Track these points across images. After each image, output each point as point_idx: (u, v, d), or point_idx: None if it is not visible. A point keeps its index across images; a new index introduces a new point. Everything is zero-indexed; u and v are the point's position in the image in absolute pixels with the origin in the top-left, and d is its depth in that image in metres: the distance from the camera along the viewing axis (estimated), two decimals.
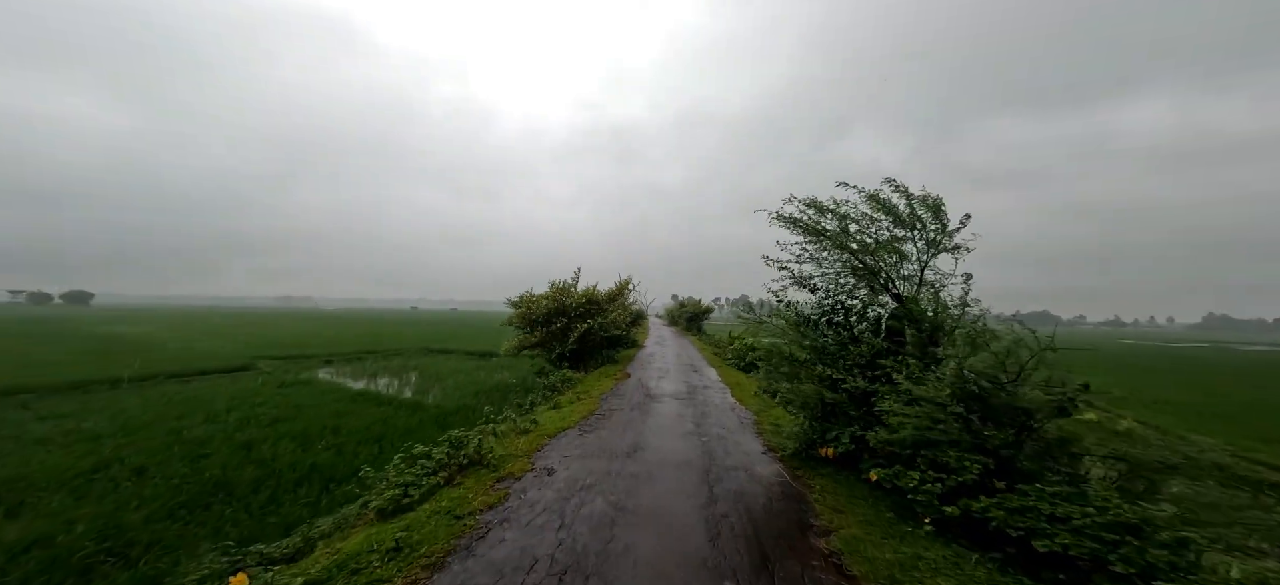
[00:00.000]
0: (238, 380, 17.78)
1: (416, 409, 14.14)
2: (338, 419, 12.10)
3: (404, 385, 19.65)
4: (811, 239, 5.65)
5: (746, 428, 7.18)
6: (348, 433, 10.96)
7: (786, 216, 5.70)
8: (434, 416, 13.32)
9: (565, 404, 9.26)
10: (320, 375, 21.07)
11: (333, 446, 9.90)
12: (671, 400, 9.08)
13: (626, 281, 17.57)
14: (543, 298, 15.17)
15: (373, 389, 17.75)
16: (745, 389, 10.71)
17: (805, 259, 5.84)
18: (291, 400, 14.24)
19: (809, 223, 5.60)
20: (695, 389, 10.49)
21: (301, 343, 32.14)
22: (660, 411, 8.09)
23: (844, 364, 5.11)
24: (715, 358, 18.23)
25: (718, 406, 8.70)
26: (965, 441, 3.51)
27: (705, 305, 39.25)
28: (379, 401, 14.83)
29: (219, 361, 21.18)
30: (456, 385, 20.06)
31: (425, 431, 11.47)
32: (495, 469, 4.96)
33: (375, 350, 30.61)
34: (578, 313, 14.95)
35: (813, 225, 5.58)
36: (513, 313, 15.49)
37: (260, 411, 12.40)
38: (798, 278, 5.81)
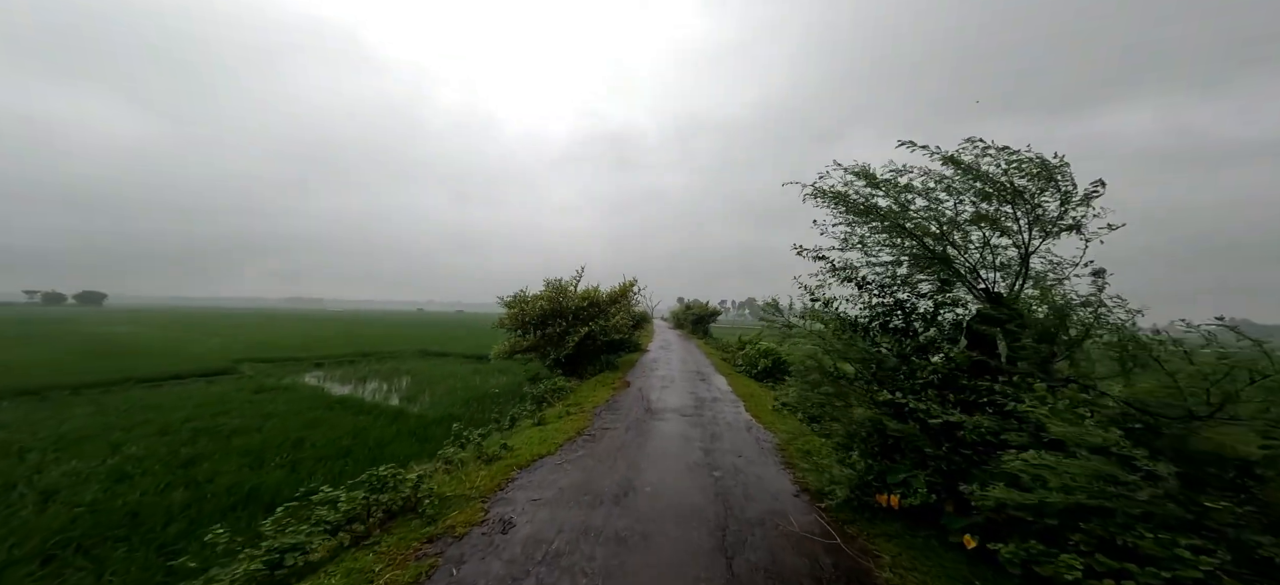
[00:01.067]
0: (215, 384, 16.72)
1: (397, 418, 12.94)
2: (306, 430, 10.91)
3: (392, 390, 18.49)
4: (860, 219, 4.29)
5: (769, 455, 5.79)
6: (312, 446, 9.75)
7: (827, 191, 4.35)
8: (414, 426, 12.10)
9: (552, 419, 7.94)
10: (306, 379, 19.99)
11: (289, 463, 8.71)
12: (676, 417, 7.71)
13: (630, 283, 16.23)
14: (538, 298, 13.88)
15: (356, 395, 16.59)
16: (761, 402, 9.31)
17: (851, 244, 4.48)
18: (262, 408, 13.09)
19: (856, 199, 4.23)
20: (703, 402, 9.11)
21: (298, 344, 31.22)
22: (662, 432, 6.73)
23: (910, 382, 3.73)
24: (724, 364, 16.82)
25: (731, 425, 7.32)
26: (1172, 515, 2.13)
27: (711, 308, 37.80)
28: (359, 409, 13.66)
29: (202, 364, 20.17)
30: (447, 391, 18.87)
31: (400, 444, 10.23)
32: (433, 520, 3.65)
33: (371, 353, 29.59)
34: (577, 315, 13.64)
35: (861, 203, 4.22)
36: (505, 313, 14.21)
37: (222, 421, 11.23)
38: (840, 269, 4.44)
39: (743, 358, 15.53)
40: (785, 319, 5.11)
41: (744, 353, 15.73)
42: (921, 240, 4.06)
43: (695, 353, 20.97)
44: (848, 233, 4.52)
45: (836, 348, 4.03)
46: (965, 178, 3.68)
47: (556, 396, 10.11)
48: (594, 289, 14.64)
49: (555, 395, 10.21)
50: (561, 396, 10.07)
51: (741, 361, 15.17)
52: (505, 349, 13.41)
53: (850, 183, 4.30)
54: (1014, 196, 3.47)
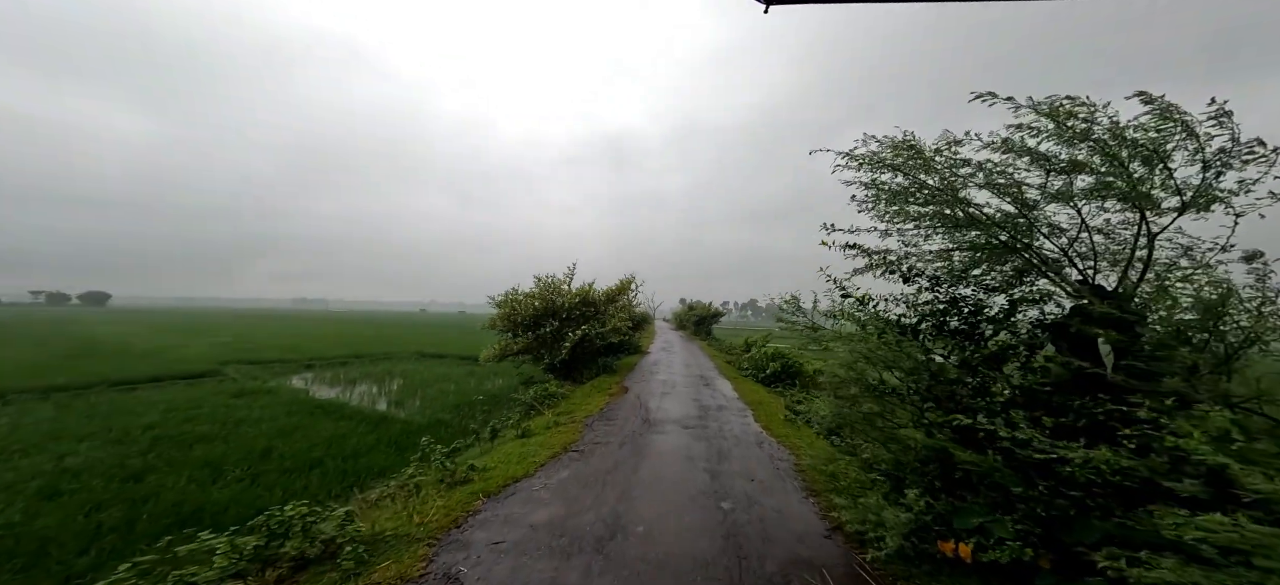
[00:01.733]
0: (194, 387, 15.95)
1: (381, 424, 12.13)
2: (278, 438, 10.09)
3: (380, 394, 17.70)
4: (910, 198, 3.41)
5: (788, 479, 4.91)
6: (280, 456, 8.95)
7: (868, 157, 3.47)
8: (398, 434, 11.27)
9: (538, 430, 7.07)
10: (293, 382, 19.22)
11: (250, 476, 7.91)
12: (677, 430, 6.83)
13: (629, 281, 15.37)
14: (530, 297, 13.04)
15: (341, 399, 15.78)
16: (771, 412, 8.41)
17: (892, 227, 3.60)
18: (236, 414, 12.29)
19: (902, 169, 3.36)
20: (708, 411, 8.22)
21: (291, 346, 30.51)
22: (661, 448, 5.84)
23: (983, 400, 2.85)
24: (729, 367, 15.91)
25: (739, 439, 6.43)
26: None
27: (714, 308, 36.87)
28: (340, 415, 12.84)
29: (186, 366, 19.43)
30: (439, 394, 18.06)
31: (378, 455, 9.39)
32: (352, 576, 2.78)
33: (365, 354, 28.84)
34: (571, 316, 12.77)
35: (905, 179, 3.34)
36: (495, 313, 13.36)
37: (188, 429, 10.43)
38: (880, 259, 3.57)
39: (749, 361, 14.62)
40: (808, 319, 4.22)
41: (751, 356, 14.81)
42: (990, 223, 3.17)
43: (698, 355, 20.07)
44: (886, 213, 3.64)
45: (881, 354, 3.14)
46: (1060, 139, 2.77)
47: (547, 404, 9.25)
48: (588, 287, 13.77)
49: (546, 402, 9.34)
50: (552, 404, 9.20)
51: (748, 365, 14.27)
52: (494, 353, 12.55)
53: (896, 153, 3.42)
54: (1120, 161, 2.57)
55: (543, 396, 9.48)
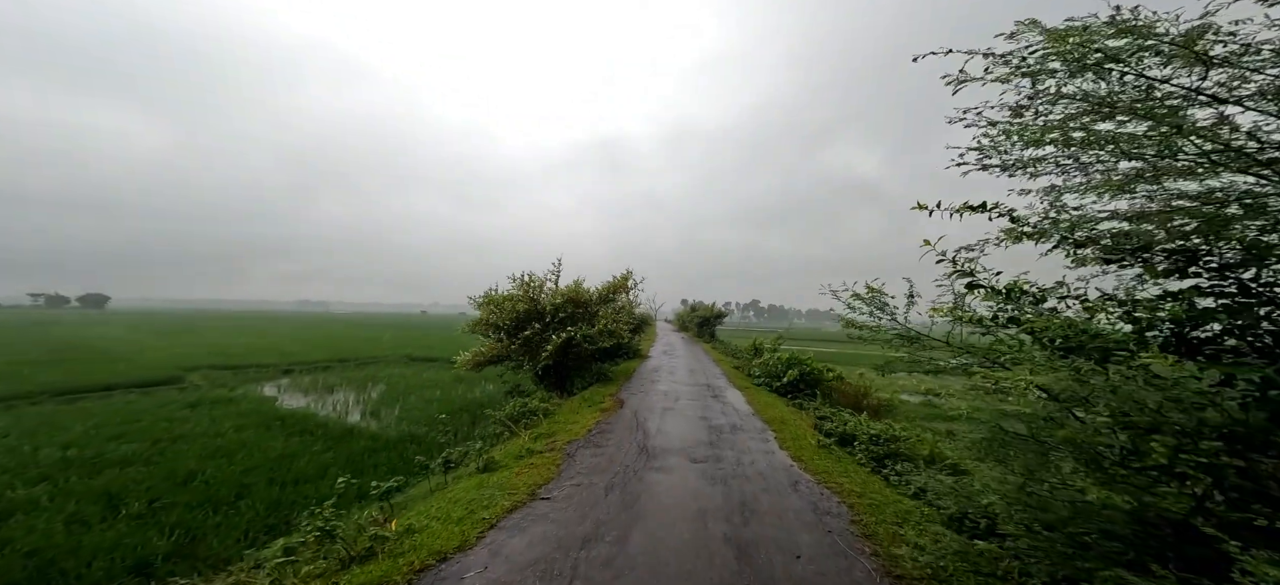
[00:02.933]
0: (148, 396, 14.50)
1: (343, 439, 10.65)
2: (212, 460, 8.64)
3: (356, 403, 16.24)
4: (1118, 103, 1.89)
5: (848, 549, 3.38)
6: (204, 484, 7.52)
7: (1027, 57, 1.96)
8: (360, 452, 9.79)
9: (505, 462, 5.56)
10: (264, 390, 17.78)
11: (153, 511, 6.46)
12: (682, 464, 5.29)
13: (624, 278, 13.83)
14: (511, 298, 11.54)
15: (309, 409, 14.32)
16: (797, 433, 6.88)
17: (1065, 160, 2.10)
18: (179, 428, 10.85)
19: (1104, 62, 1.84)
20: (720, 433, 6.69)
21: (276, 349, 29.13)
22: (661, 497, 4.32)
23: None
24: (737, 373, 14.37)
25: (765, 478, 4.90)
26: None
27: (717, 309, 35.32)
28: (303, 427, 11.38)
29: (148, 373, 17.98)
30: (422, 402, 16.60)
31: (329, 479, 7.90)
32: None
33: (352, 358, 27.45)
34: (555, 318, 11.26)
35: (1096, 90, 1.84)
36: (475, 316, 11.86)
37: (109, 450, 8.96)
38: (1046, 220, 2.05)
39: (760, 366, 13.08)
40: (900, 324, 2.71)
41: (763, 361, 13.26)
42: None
43: (702, 359, 18.53)
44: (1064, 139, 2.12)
45: (1104, 391, 1.63)
46: None
47: (525, 422, 7.72)
48: (577, 285, 12.25)
49: (524, 420, 7.82)
50: (531, 423, 7.68)
51: (759, 372, 12.73)
52: (470, 360, 11.03)
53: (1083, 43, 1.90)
54: None
55: (521, 413, 7.96)
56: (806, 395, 10.61)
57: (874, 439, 6.25)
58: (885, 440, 6.24)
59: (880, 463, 5.72)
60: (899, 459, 5.79)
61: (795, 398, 10.56)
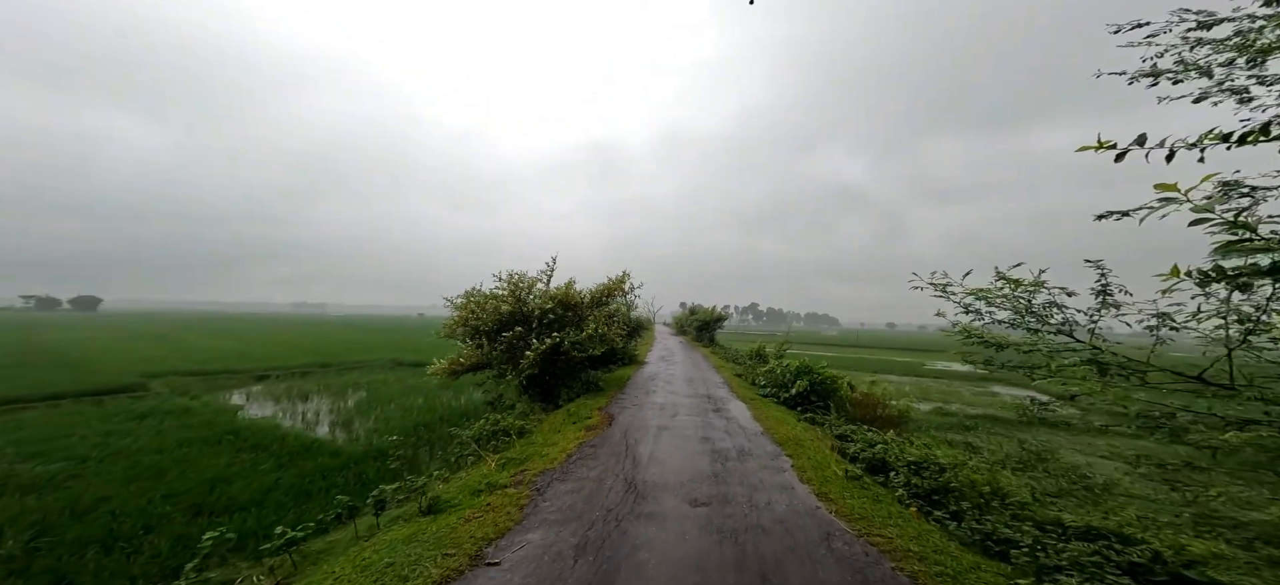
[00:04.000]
0: (101, 406, 13.31)
1: (300, 456, 9.52)
2: (134, 484, 7.55)
3: (329, 412, 15.10)
4: None
5: None
6: (108, 517, 6.48)
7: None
8: (314, 472, 8.67)
9: (455, 500, 4.43)
10: (230, 398, 16.59)
11: (47, 545, 5.34)
12: (680, 509, 4.17)
13: (620, 280, 12.72)
14: (494, 298, 10.41)
15: (273, 420, 13.16)
16: (817, 459, 5.74)
17: None
18: (119, 443, 9.72)
19: None
20: (725, 459, 5.56)
21: (257, 353, 27.92)
22: (650, 562, 3.20)
23: None
24: (739, 382, 13.25)
25: (788, 527, 3.79)
26: None
27: (717, 312, 34.20)
28: (257, 442, 10.23)
29: (109, 379, 16.74)
30: (402, 410, 15.49)
31: (266, 510, 6.79)
32: None
33: (334, 363, 26.26)
34: (542, 321, 10.14)
35: None
36: (453, 317, 10.73)
37: (28, 469, 7.89)
38: None
39: (765, 375, 11.96)
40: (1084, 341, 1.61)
41: (769, 370, 12.12)
42: None
43: (702, 365, 17.40)
44: None
45: None
46: None
47: (497, 443, 6.57)
48: (568, 286, 11.13)
49: (494, 440, 6.67)
50: (503, 444, 6.53)
51: (764, 381, 11.60)
52: (444, 368, 9.88)
53: None
54: None
55: (491, 432, 6.81)
56: (819, 408, 9.49)
57: (915, 467, 5.12)
58: (928, 468, 5.12)
59: (928, 501, 4.60)
60: (950, 494, 4.67)
61: (806, 411, 9.44)
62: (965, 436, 14.89)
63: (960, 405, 20.23)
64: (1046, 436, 15.42)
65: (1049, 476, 10.64)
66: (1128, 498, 9.58)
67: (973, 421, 16.75)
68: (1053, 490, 9.60)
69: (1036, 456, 12.33)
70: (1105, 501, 9.14)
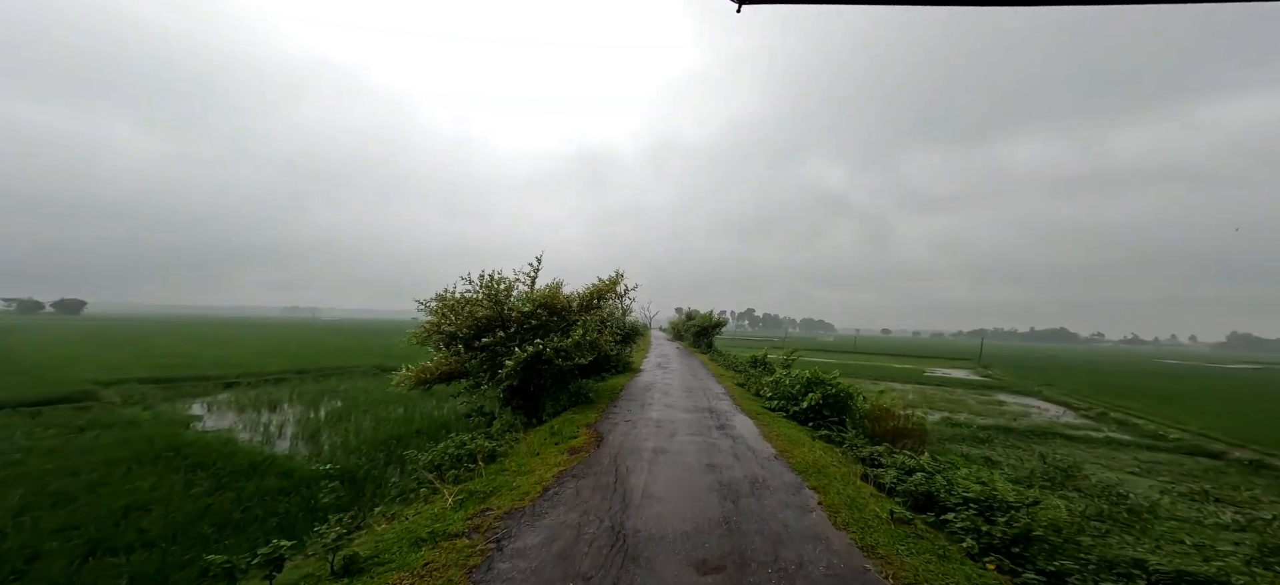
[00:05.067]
0: (37, 417, 12.07)
1: (250, 474, 8.45)
2: (41, 509, 6.41)
3: (300, 422, 13.93)
4: None
5: None
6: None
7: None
8: (261, 494, 7.62)
9: (384, 555, 3.35)
10: (191, 408, 15.34)
11: None
12: (685, 578, 3.10)
13: (613, 281, 11.68)
14: (470, 302, 9.34)
15: (232, 432, 12.00)
16: (847, 490, 4.71)
17: None
18: (38, 462, 8.62)
19: None
20: (736, 494, 4.52)
21: (230, 359, 26.52)
22: None
23: None
24: (742, 392, 12.23)
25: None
26: None
27: (716, 317, 33.21)
28: (201, 460, 9.10)
29: (56, 387, 15.38)
30: (379, 420, 14.36)
31: (183, 545, 5.70)
32: None
33: (314, 369, 24.97)
34: (523, 327, 9.09)
35: None
36: (425, 321, 9.63)
37: None
38: None
39: (771, 386, 10.93)
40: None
41: (775, 380, 11.08)
42: None
43: (701, 373, 16.35)
44: None
45: None
46: None
47: (459, 469, 5.47)
48: (553, 288, 10.08)
49: (460, 466, 5.57)
50: (466, 472, 5.43)
51: (770, 392, 10.57)
52: (409, 377, 8.76)
53: None
54: None
55: (456, 456, 5.70)
56: (834, 423, 8.48)
57: (981, 508, 4.06)
58: (996, 508, 4.07)
59: (1010, 555, 3.55)
60: (1032, 544, 3.63)
61: (819, 426, 8.42)
62: (981, 449, 13.92)
63: (968, 414, 19.31)
64: (1064, 448, 14.48)
65: (1084, 496, 9.67)
66: (1175, 521, 8.63)
67: (986, 433, 15.80)
68: (1093, 513, 8.64)
69: (1063, 473, 11.35)
70: (1153, 526, 8.18)
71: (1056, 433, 16.79)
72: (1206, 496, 10.07)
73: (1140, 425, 18.38)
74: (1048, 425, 18.05)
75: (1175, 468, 12.52)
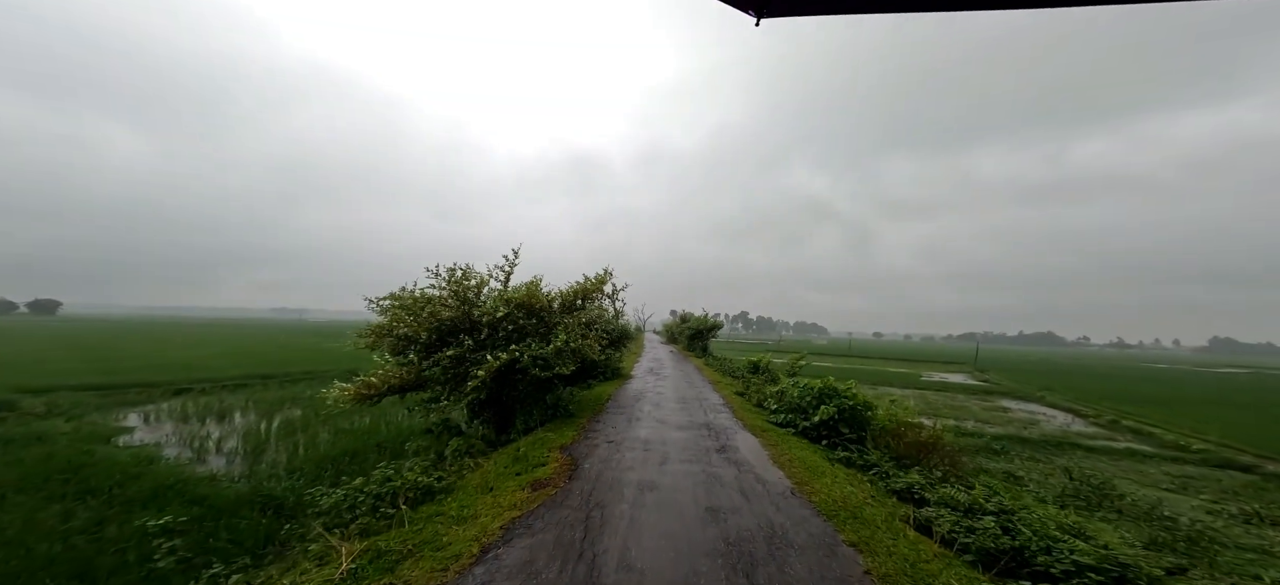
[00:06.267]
0: None
1: (151, 503, 7.04)
2: None
3: (248, 435, 12.45)
4: None
5: None
6: None
7: None
8: (146, 535, 6.17)
9: None
10: (128, 418, 13.75)
11: None
12: None
13: (600, 279, 10.37)
14: (431, 302, 8.00)
15: (157, 446, 10.53)
16: (892, 540, 3.49)
17: None
18: None
19: None
20: (750, 556, 3.29)
21: (190, 363, 24.75)
22: None
23: None
24: (741, 402, 10.99)
25: None
26: None
27: (712, 320, 32.01)
28: (97, 485, 7.69)
29: None
30: (334, 433, 12.87)
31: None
32: None
33: (281, 373, 23.29)
34: (497, 333, 7.78)
35: None
36: (375, 322, 8.27)
37: None
38: None
39: (774, 397, 9.70)
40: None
41: (778, 389, 9.83)
42: None
43: (696, 380, 15.09)
44: None
45: None
46: None
47: (381, 515, 4.15)
48: (532, 286, 8.79)
49: (392, 501, 4.25)
50: (381, 524, 4.10)
51: (775, 405, 9.34)
52: (350, 393, 7.35)
53: None
54: None
55: (377, 495, 4.37)
56: (851, 442, 7.25)
57: None
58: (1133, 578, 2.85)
59: None
60: None
61: (835, 445, 7.20)
62: (998, 462, 12.82)
63: (975, 422, 18.24)
64: (1085, 461, 13.44)
65: (1127, 520, 8.56)
66: (1237, 549, 7.54)
67: (1000, 443, 14.68)
68: (1144, 541, 7.52)
69: (1096, 491, 10.23)
70: (1217, 556, 7.07)
71: (1073, 443, 15.72)
72: (1260, 519, 9.00)
73: (1157, 434, 17.43)
74: (1061, 434, 17.01)
75: (1212, 484, 11.51)
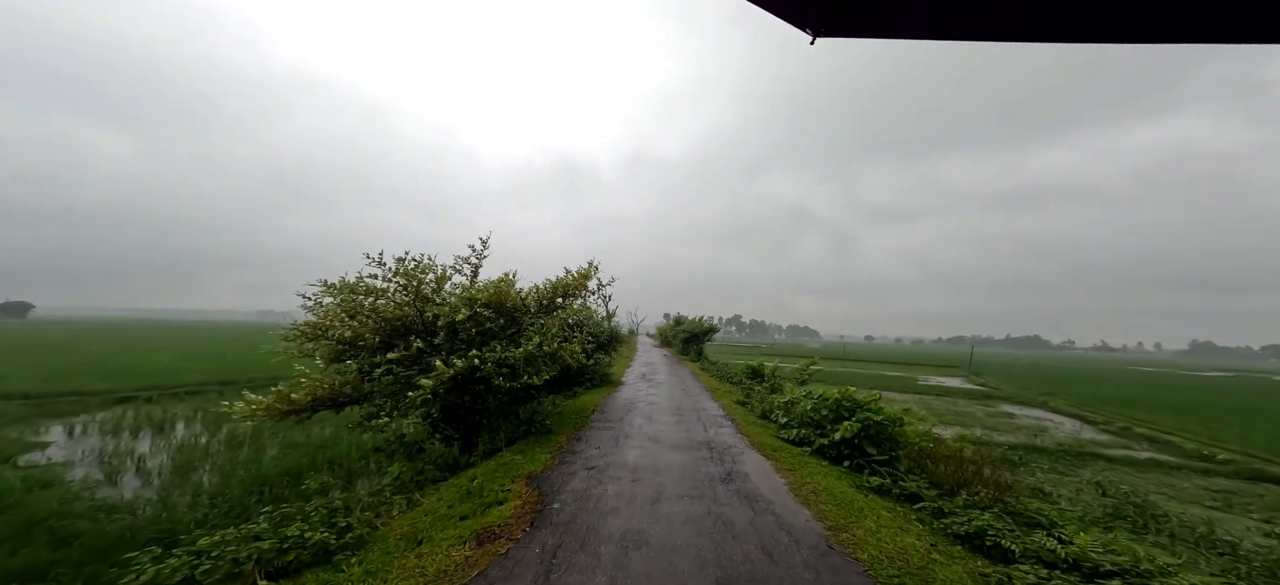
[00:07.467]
0: None
1: (9, 542, 5.61)
2: None
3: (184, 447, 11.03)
4: None
5: None
6: None
7: None
8: None
9: None
10: (50, 432, 12.17)
11: None
12: None
13: (585, 274, 9.04)
14: (373, 293, 6.68)
15: (62, 468, 9.04)
16: None
17: None
18: None
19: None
20: None
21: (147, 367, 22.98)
22: None
23: None
24: (743, 411, 9.76)
25: None
26: None
27: (707, 323, 30.84)
28: None
29: None
30: (284, 448, 11.50)
31: None
32: None
33: (242, 379, 21.57)
34: (459, 336, 6.47)
35: None
36: (305, 322, 6.91)
37: None
38: None
39: (783, 408, 8.49)
40: None
41: (786, 399, 8.61)
42: None
43: (692, 387, 13.83)
44: None
45: None
46: None
47: (296, 556, 2.85)
48: (502, 283, 7.48)
49: (298, 551, 2.95)
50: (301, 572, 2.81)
51: (785, 418, 8.12)
52: (264, 407, 5.96)
53: None
54: None
55: (282, 542, 3.04)
56: (880, 463, 6.06)
57: None
58: None
59: None
60: None
61: (860, 468, 6.01)
62: (1020, 475, 11.84)
63: (982, 430, 17.21)
64: (1109, 473, 12.44)
65: (1182, 545, 7.49)
66: None
67: (1016, 454, 13.60)
68: (1216, 571, 6.46)
69: (1138, 510, 9.15)
70: None
71: (1092, 453, 14.69)
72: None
73: (1175, 443, 16.54)
74: (1076, 444, 16.02)
75: (1254, 499, 10.53)
